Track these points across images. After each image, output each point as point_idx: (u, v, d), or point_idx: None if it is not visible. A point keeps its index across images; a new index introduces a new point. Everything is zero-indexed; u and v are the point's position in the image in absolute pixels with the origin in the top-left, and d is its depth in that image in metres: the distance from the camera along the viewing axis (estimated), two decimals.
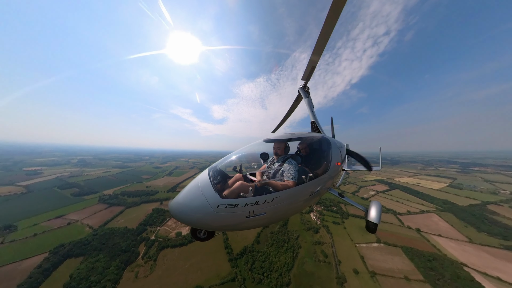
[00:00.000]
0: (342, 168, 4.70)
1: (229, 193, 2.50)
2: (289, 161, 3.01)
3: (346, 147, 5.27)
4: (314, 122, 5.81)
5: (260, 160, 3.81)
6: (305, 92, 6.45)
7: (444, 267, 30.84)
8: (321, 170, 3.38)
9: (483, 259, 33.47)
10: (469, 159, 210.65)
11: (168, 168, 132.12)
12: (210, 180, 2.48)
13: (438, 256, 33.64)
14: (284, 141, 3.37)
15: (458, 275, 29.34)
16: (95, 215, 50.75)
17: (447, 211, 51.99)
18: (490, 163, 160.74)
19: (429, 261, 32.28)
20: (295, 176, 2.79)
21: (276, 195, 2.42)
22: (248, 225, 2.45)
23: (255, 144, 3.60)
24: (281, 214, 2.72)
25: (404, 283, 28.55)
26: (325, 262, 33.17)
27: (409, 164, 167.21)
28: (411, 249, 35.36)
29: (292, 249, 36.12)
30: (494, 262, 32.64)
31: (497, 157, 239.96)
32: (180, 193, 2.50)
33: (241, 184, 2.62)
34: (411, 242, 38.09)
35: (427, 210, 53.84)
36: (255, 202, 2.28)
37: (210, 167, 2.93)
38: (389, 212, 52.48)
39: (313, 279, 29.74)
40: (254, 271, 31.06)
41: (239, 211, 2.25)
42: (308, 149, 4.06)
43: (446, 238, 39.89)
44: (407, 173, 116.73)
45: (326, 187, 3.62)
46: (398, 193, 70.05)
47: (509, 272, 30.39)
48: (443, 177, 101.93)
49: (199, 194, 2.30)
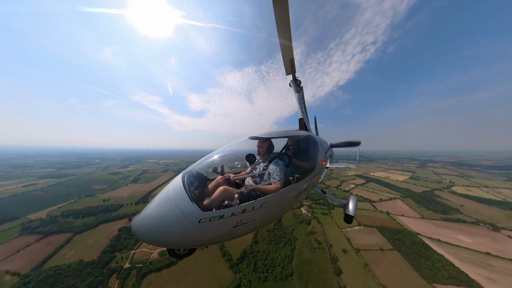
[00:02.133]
0: (326, 166, 4.82)
1: (211, 202, 2.14)
2: (275, 162, 2.85)
3: (330, 144, 5.51)
4: (302, 119, 5.70)
5: (246, 161, 3.56)
6: (297, 86, 6.26)
7: (405, 237, 41.93)
8: (308, 169, 3.35)
9: (429, 228, 46.82)
10: (426, 157, 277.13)
11: (132, 173, 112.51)
12: (186, 188, 2.07)
13: (401, 230, 45.13)
14: (268, 139, 3.14)
15: (414, 241, 40.61)
16: (19, 254, 37.96)
17: (408, 197, 68.25)
18: (439, 160, 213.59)
19: (395, 234, 43.13)
20: (282, 177, 2.65)
21: (264, 200, 2.23)
22: (236, 235, 2.24)
23: (240, 141, 3.30)
24: (269, 218, 2.61)
25: (380, 253, 37.78)
26: (319, 248, 39.84)
27: (382, 161, 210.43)
28: (383, 228, 46.05)
29: (289, 243, 40.86)
30: (436, 230, 46.08)
31: (444, 156, 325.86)
32: (146, 208, 2.00)
33: (224, 191, 2.24)
34: (383, 222, 49.30)
35: (394, 197, 69.28)
36: (243, 210, 2.03)
37: (184, 172, 2.52)
38: (366, 200, 65.16)
39: (312, 264, 35.33)
40: (258, 271, 33.06)
41: (225, 222, 1.96)
42: (296, 147, 4.07)
43: (407, 216, 53.19)
44: (380, 168, 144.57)
45: (311, 185, 3.68)
46: (373, 185, 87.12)
47: (445, 235, 43.61)
48: (406, 171, 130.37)
49: (173, 208, 1.86)
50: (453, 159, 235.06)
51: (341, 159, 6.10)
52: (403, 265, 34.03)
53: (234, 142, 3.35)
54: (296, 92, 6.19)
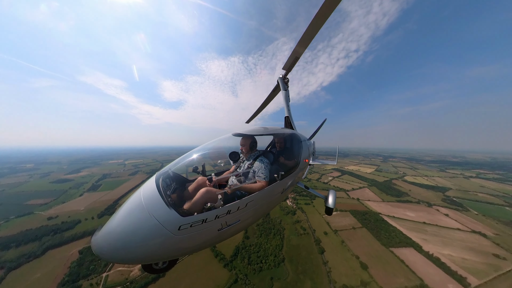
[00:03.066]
0: (309, 163, 5.08)
1: (192, 205, 2.02)
2: (260, 160, 2.81)
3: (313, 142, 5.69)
4: (288, 117, 5.91)
5: (229, 159, 3.40)
6: (284, 84, 6.44)
7: (371, 216, 52.71)
8: (292, 167, 3.40)
9: (387, 208, 59.96)
10: (388, 153, 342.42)
11: (87, 179, 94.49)
12: (161, 192, 1.85)
13: (368, 211, 56.29)
14: (251, 136, 3.02)
15: (377, 219, 51.61)
16: None
17: (373, 186, 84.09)
18: (398, 156, 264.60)
19: (363, 215, 53.59)
20: (267, 175, 2.65)
21: (249, 199, 2.17)
22: (222, 238, 2.16)
23: (223, 138, 3.11)
24: (256, 216, 2.59)
25: (353, 231, 46.60)
26: (305, 234, 45.99)
27: (355, 156, 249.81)
28: (354, 211, 56.29)
29: (278, 233, 45.64)
30: (392, 209, 59.39)
31: (401, 152, 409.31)
32: (110, 221, 1.72)
33: (207, 192, 2.12)
34: (354, 207, 60.06)
35: (363, 186, 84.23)
36: (227, 211, 1.93)
37: (159, 173, 2.28)
38: (342, 190, 77.33)
39: (300, 248, 40.79)
40: (253, 263, 35.64)
41: (209, 226, 1.84)
42: (282, 145, 4.17)
43: (372, 201, 66.15)
44: (353, 162, 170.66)
45: (296, 182, 3.81)
46: (347, 177, 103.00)
47: (397, 213, 56.88)
48: (373, 165, 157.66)
49: (146, 217, 1.64)
50: (407, 155, 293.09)
51: (321, 155, 6.59)
52: (369, 238, 43.44)
53: (216, 139, 3.15)
54: (283, 90, 6.36)
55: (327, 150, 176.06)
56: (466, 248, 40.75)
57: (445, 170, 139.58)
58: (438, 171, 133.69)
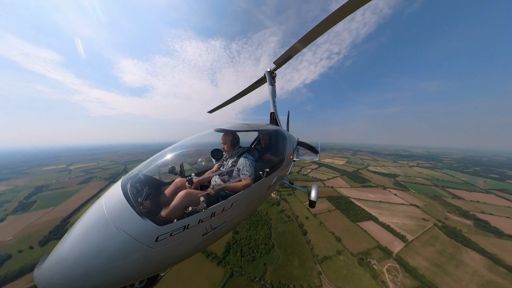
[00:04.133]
0: (293, 159, 5.25)
1: (171, 211, 1.85)
2: (245, 156, 2.78)
3: (297, 140, 6.22)
4: (273, 113, 5.96)
5: (211, 158, 3.11)
6: (271, 79, 6.41)
7: (342, 200, 64.93)
8: (277, 163, 3.49)
9: (355, 193, 74.79)
10: (357, 147, 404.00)
11: (8, 195, 75.40)
12: (130, 200, 1.63)
13: (340, 196, 68.78)
14: (233, 132, 2.96)
15: (347, 201, 64.14)
16: None
17: (344, 175, 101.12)
18: (364, 150, 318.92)
19: (336, 199, 65.37)
20: (252, 172, 2.62)
21: (234, 198, 2.11)
22: (208, 243, 2.11)
23: (204, 134, 2.96)
24: (242, 216, 2.59)
25: (328, 213, 56.70)
26: (289, 221, 53.09)
27: (330, 150, 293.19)
28: (329, 197, 67.73)
29: (266, 223, 50.89)
30: (358, 193, 74.44)
31: (367, 147, 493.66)
32: (61, 244, 1.41)
33: (187, 195, 1.98)
34: (329, 193, 71.98)
35: (336, 176, 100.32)
36: (212, 214, 1.85)
37: (125, 178, 2.03)
38: (319, 180, 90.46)
39: (286, 233, 47.15)
40: (245, 255, 38.63)
41: (192, 232, 1.72)
42: (268, 141, 4.30)
43: (343, 188, 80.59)
44: (328, 156, 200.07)
45: (281, 178, 3.96)
46: (323, 168, 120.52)
47: (362, 196, 71.84)
48: (344, 157, 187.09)
49: (113, 232, 1.39)
50: (371, 149, 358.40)
51: (302, 150, 7.04)
52: (341, 217, 54.20)
53: (196, 135, 2.93)
54: (270, 85, 6.39)
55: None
56: (406, 216, 56.59)
57: (397, 161, 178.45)
58: (392, 162, 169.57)
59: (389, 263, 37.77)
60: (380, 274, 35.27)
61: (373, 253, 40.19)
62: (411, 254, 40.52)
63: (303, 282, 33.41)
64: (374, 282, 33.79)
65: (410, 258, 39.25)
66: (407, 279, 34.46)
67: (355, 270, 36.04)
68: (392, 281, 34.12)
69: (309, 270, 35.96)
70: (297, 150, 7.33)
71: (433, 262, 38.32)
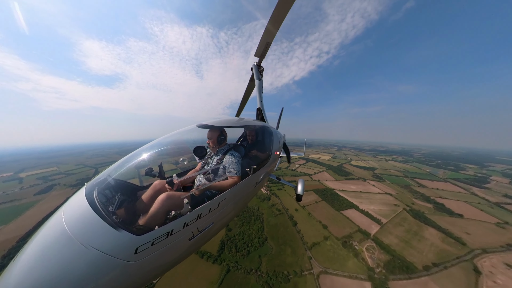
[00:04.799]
0: (279, 155, 5.44)
1: (150, 218, 1.71)
2: (231, 154, 2.72)
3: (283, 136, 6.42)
4: (260, 109, 5.98)
5: (194, 156, 3.04)
6: (258, 73, 6.44)
7: (328, 192, 72.25)
8: (264, 160, 3.55)
9: (339, 185, 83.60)
10: (341, 144, 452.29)
11: None
12: (98, 209, 1.44)
13: (326, 189, 76.29)
14: (220, 128, 2.86)
15: (332, 193, 71.69)
16: None
17: (329, 169, 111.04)
18: (348, 146, 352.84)
19: (323, 191, 72.49)
20: (239, 170, 2.58)
21: (221, 197, 2.04)
22: (196, 247, 2.06)
23: (185, 131, 2.80)
24: (231, 215, 2.55)
25: (316, 204, 62.88)
26: (280, 214, 57.42)
27: (317, 146, 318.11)
28: (316, 189, 74.60)
29: (258, 218, 54.33)
30: (341, 185, 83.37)
31: (351, 143, 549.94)
32: (9, 269, 1.11)
33: (168, 198, 1.86)
34: (316, 186, 79.07)
35: (322, 170, 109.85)
36: (197, 216, 1.76)
37: (90, 185, 1.79)
38: (306, 175, 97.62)
39: (278, 226, 51.17)
40: (240, 250, 41.13)
41: (177, 238, 1.61)
42: (254, 138, 4.37)
43: (328, 181, 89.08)
44: (315, 151, 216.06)
45: (268, 174, 4.09)
46: (311, 163, 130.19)
47: (345, 187, 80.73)
48: (330, 153, 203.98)
49: (77, 250, 1.18)
50: (354, 145, 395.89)
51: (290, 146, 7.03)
52: (327, 207, 60.76)
53: (176, 132, 2.76)
54: (257, 80, 6.40)
55: (295, 142, 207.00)
56: (382, 203, 66.22)
57: (376, 156, 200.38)
58: (371, 157, 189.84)
59: (368, 243, 44.81)
60: (361, 253, 41.84)
61: (354, 236, 46.98)
62: (385, 234, 48.55)
63: (296, 267, 37.74)
64: (356, 260, 40.03)
65: (384, 237, 47.09)
66: (382, 255, 41.66)
67: (340, 252, 41.95)
68: (370, 257, 40.90)
69: (300, 256, 40.56)
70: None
71: (402, 239, 46.78)
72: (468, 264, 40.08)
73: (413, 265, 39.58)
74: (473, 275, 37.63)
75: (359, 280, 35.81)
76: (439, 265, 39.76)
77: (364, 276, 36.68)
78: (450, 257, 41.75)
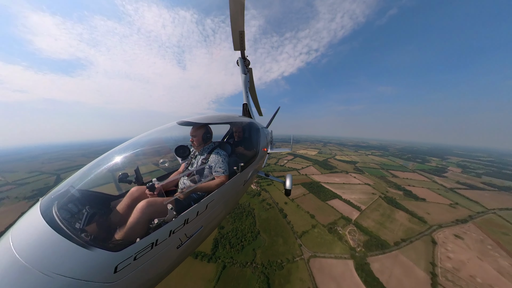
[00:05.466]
0: (267, 152, 5.60)
1: (129, 230, 1.58)
2: (216, 152, 2.67)
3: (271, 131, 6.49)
4: (246, 105, 5.99)
5: (176, 156, 2.92)
6: (244, 66, 6.33)
7: (314, 185, 79.51)
8: (251, 157, 3.63)
9: (324, 178, 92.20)
10: (327, 140, 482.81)
11: None
12: (62, 227, 1.27)
13: (312, 182, 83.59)
14: (204, 125, 2.76)
15: (318, 185, 79.17)
16: None
17: (316, 164, 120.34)
18: (333, 142, 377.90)
19: (309, 185, 79.41)
20: (226, 168, 2.56)
21: (209, 199, 1.99)
22: (186, 254, 2.02)
23: (165, 129, 2.65)
24: (221, 216, 2.54)
25: (303, 197, 68.92)
26: (271, 208, 61.62)
27: (304, 142, 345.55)
28: (304, 183, 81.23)
29: (250, 214, 57.60)
30: (327, 178, 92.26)
31: (336, 139, 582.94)
32: None
33: (149, 206, 1.76)
34: (303, 180, 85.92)
35: (309, 165, 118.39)
36: (184, 221, 1.70)
37: (45, 200, 1.56)
38: (294, 170, 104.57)
39: (269, 219, 55.13)
40: (234, 246, 43.71)
41: (163, 248, 1.54)
42: (241, 134, 4.39)
43: (315, 174, 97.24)
44: (303, 147, 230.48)
45: (256, 172, 4.19)
46: (298, 159, 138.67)
47: (330, 180, 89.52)
48: (316, 148, 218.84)
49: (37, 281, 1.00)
50: (339, 141, 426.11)
51: (278, 142, 8.43)
52: (314, 199, 67.31)
53: (154, 130, 2.60)
54: (243, 73, 6.32)
55: (283, 138, 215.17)
56: (361, 192, 75.99)
57: (358, 151, 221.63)
58: (354, 152, 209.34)
59: (350, 228, 51.98)
60: (344, 236, 48.57)
61: (338, 222, 53.88)
62: (364, 218, 56.71)
63: (288, 255, 42.18)
64: (340, 242, 46.47)
65: (363, 221, 55.07)
66: (361, 236, 49.03)
67: (326, 237, 47.98)
68: (352, 239, 47.84)
69: (291, 245, 45.26)
70: (271, 142, 7.51)
71: (377, 222, 55.37)
72: (428, 237, 49.98)
73: (386, 242, 47.68)
74: (431, 245, 47.31)
75: (343, 259, 42.04)
76: (406, 240, 48.69)
77: (347, 255, 43.10)
78: (414, 233, 51.31)
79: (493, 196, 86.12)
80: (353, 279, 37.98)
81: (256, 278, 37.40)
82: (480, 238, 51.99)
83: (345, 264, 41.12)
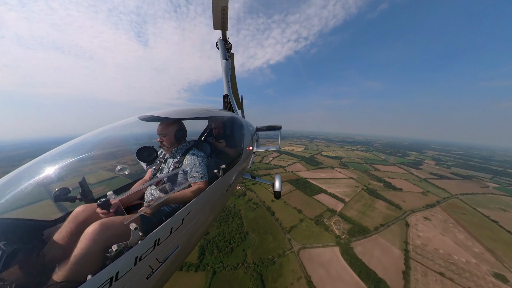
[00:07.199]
0: (253, 151, 5.44)
1: (75, 266, 1.28)
2: (192, 153, 2.43)
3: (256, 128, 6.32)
4: (227, 97, 5.68)
5: (139, 161, 2.61)
6: (225, 51, 5.91)
7: (301, 181, 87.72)
8: (235, 158, 3.42)
9: (310, 174, 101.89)
10: (314, 135, 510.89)
11: None
12: None
13: (299, 178, 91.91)
14: (176, 121, 2.46)
15: (304, 181, 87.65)
16: None
17: (302, 160, 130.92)
18: (320, 137, 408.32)
19: (296, 181, 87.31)
20: (205, 172, 2.35)
21: (185, 212, 1.77)
22: (160, 283, 1.74)
23: (121, 125, 2.30)
24: (200, 231, 2.31)
25: (290, 193, 76.03)
26: (258, 207, 66.57)
27: (290, 138, 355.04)
28: (291, 180, 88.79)
29: (236, 215, 61.22)
30: (313, 174, 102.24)
31: (322, 135, 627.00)
32: None
33: (102, 228, 1.44)
34: (290, 177, 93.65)
35: (295, 161, 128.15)
36: (155, 243, 1.47)
37: None
38: (280, 167, 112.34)
39: (257, 219, 59.72)
40: (223, 250, 45.71)
41: (127, 281, 1.30)
42: (221, 132, 4.06)
43: (301, 171, 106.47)
44: (289, 143, 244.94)
45: (241, 174, 4.02)
46: (284, 156, 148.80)
47: (316, 176, 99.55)
48: (303, 144, 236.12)
49: None
50: (325, 137, 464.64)
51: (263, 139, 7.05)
52: (301, 194, 74.82)
53: (107, 127, 2.23)
54: (223, 59, 5.95)
55: (268, 135, 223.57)
56: (346, 186, 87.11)
57: (344, 146, 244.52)
58: (340, 147, 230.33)
59: (335, 218, 60.32)
60: (330, 227, 56.42)
61: (324, 214, 61.87)
62: (348, 209, 66.19)
63: (278, 250, 47.48)
64: (327, 233, 54.00)
65: (347, 212, 64.34)
66: (346, 225, 57.66)
67: (313, 229, 55.01)
68: (337, 228, 55.97)
69: (281, 240, 50.80)
70: (257, 140, 7.26)
71: (360, 211, 65.42)
72: (402, 221, 61.45)
73: (367, 228, 57.18)
74: (405, 227, 58.60)
75: (330, 247, 49.43)
76: (384, 225, 59.06)
77: (333, 243, 50.69)
78: (391, 219, 62.41)
79: (458, 184, 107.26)
80: (340, 263, 45.40)
81: (249, 277, 41.54)
82: (444, 219, 66.02)
83: (332, 251, 48.46)
